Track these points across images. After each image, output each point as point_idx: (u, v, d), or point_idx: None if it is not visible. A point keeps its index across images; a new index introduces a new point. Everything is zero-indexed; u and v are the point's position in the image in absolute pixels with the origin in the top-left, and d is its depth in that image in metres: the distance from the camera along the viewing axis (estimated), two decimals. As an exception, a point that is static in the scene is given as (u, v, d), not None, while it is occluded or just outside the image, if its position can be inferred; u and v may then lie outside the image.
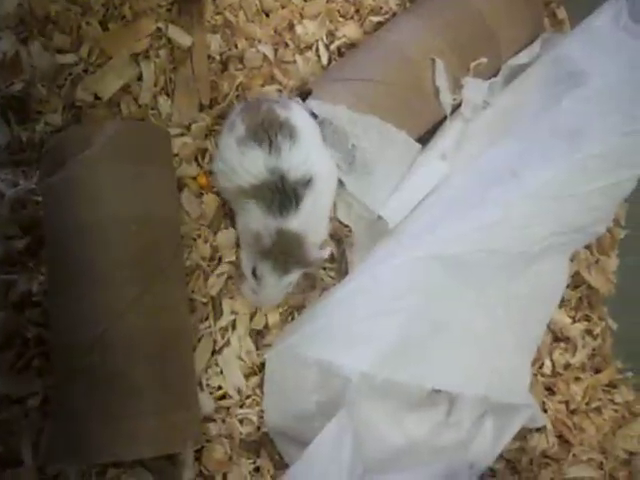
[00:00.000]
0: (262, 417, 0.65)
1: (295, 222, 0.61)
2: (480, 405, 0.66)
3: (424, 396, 0.66)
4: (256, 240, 0.61)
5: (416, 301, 0.61)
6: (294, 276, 0.63)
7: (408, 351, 0.61)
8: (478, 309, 0.63)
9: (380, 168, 0.67)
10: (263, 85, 0.72)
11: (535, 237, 0.63)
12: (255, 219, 0.62)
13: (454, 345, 0.63)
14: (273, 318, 0.67)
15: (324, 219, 0.66)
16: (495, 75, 0.73)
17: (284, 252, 0.61)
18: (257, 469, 0.65)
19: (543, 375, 0.72)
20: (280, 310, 0.68)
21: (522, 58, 0.74)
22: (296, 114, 0.63)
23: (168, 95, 0.70)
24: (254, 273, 0.62)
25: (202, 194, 0.69)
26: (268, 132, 0.61)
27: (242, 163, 0.61)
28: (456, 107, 0.71)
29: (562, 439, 0.70)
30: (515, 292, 0.65)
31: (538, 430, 0.69)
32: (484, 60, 0.70)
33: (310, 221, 0.62)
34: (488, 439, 0.65)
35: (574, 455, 0.69)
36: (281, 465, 0.65)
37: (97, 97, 0.68)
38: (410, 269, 0.61)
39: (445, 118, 0.71)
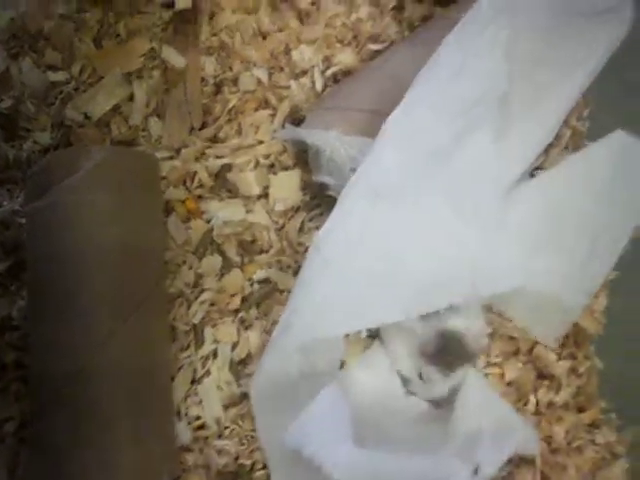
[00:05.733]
0: (241, 446, 0.65)
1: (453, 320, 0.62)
2: (475, 425, 0.65)
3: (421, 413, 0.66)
4: (421, 348, 0.62)
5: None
6: (460, 374, 0.63)
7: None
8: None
9: None
10: (257, 109, 0.71)
11: None
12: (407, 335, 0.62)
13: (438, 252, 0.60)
14: (255, 348, 0.67)
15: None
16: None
17: (448, 353, 0.62)
18: (233, 500, 0.65)
19: (526, 413, 0.71)
20: (262, 340, 0.67)
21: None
22: None
23: (159, 117, 0.70)
24: (420, 377, 0.63)
25: (189, 219, 0.68)
26: None
27: None
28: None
29: (544, 477, 0.70)
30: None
31: (522, 465, 0.69)
32: (480, 93, 0.69)
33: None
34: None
35: (553, 495, 0.69)
36: (257, 497, 0.65)
37: (87, 116, 0.67)
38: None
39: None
